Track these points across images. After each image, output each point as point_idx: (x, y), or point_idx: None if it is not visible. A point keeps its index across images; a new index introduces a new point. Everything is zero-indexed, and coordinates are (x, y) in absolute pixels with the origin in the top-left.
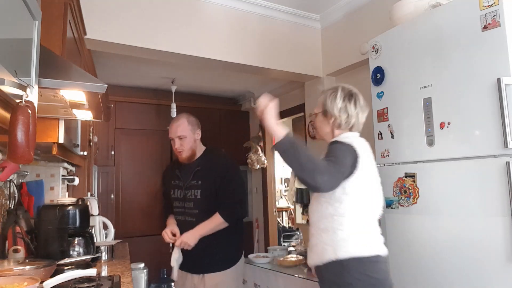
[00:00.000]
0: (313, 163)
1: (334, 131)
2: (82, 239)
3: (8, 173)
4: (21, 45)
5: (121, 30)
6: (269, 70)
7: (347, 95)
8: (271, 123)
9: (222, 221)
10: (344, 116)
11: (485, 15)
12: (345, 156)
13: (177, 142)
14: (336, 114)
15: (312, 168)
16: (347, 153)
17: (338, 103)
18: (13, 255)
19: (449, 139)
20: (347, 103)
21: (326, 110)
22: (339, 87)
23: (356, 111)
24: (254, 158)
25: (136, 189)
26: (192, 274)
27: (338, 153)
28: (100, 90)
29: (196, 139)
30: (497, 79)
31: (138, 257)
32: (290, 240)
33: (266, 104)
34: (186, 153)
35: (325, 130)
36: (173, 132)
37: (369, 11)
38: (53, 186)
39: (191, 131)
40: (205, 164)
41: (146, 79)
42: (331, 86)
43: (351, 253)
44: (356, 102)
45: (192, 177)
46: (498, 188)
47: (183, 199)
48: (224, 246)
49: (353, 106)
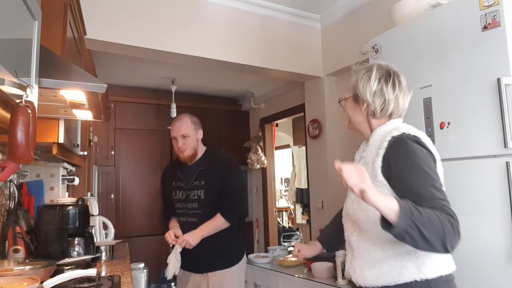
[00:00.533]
0: (439, 231)
1: (370, 120)
2: (82, 239)
3: (8, 173)
4: (21, 45)
5: (121, 30)
6: (269, 70)
7: (384, 75)
8: (375, 197)
9: (223, 221)
10: (379, 102)
11: (485, 15)
12: (434, 169)
13: (180, 141)
14: (369, 100)
15: (442, 238)
16: (431, 162)
17: (372, 86)
18: (13, 255)
19: (449, 139)
20: (384, 85)
21: (357, 94)
22: (375, 65)
23: (395, 94)
24: (254, 158)
25: (136, 189)
26: (195, 274)
27: (429, 172)
28: (100, 90)
29: (198, 139)
30: (497, 79)
31: (138, 257)
32: (290, 240)
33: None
34: (189, 152)
35: (358, 119)
36: (176, 130)
37: (369, 11)
38: (53, 186)
39: (194, 130)
40: (208, 164)
41: (146, 79)
42: (366, 64)
43: (439, 271)
44: (395, 83)
45: (195, 178)
46: (498, 188)
47: (185, 200)
48: (227, 245)
49: (391, 89)
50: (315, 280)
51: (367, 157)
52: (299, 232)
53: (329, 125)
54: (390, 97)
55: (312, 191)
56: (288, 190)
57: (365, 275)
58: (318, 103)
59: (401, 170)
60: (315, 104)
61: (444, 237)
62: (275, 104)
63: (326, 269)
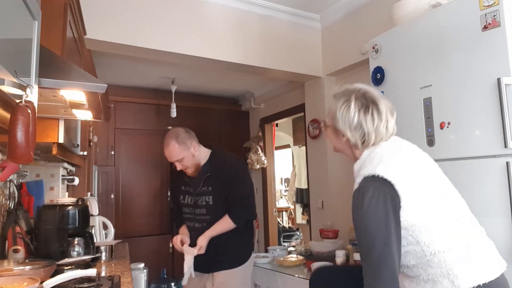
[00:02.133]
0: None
1: (353, 150)
2: (82, 239)
3: (8, 173)
4: (21, 45)
5: (121, 30)
6: (269, 70)
7: (364, 106)
8: None
9: (231, 223)
10: (359, 136)
11: (485, 15)
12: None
13: (178, 165)
14: (349, 134)
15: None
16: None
17: (351, 119)
18: (13, 255)
19: (449, 139)
20: (362, 117)
21: (336, 126)
22: (353, 94)
23: (375, 126)
24: (254, 158)
25: (136, 189)
26: (201, 273)
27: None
28: (100, 90)
29: (194, 154)
30: (497, 79)
31: (138, 257)
32: (290, 240)
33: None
34: (191, 169)
35: (340, 147)
36: (169, 158)
37: (369, 11)
38: (53, 186)
39: (185, 150)
40: (214, 168)
41: (146, 79)
42: (345, 88)
43: (476, 280)
44: (373, 114)
45: (203, 184)
46: (498, 188)
47: (193, 206)
48: (233, 245)
49: (371, 121)
50: None
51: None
52: (299, 232)
53: None
54: (370, 130)
55: (312, 191)
56: (288, 190)
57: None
58: (318, 103)
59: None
60: (315, 104)
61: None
62: (275, 104)
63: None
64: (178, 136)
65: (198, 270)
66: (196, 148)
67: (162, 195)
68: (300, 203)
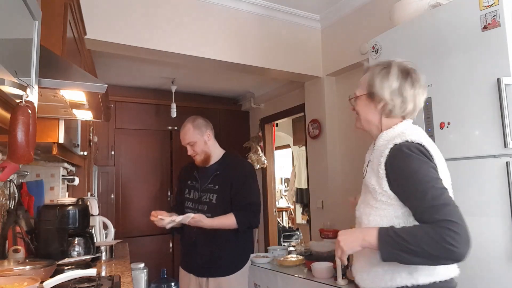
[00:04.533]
0: (432, 246)
1: (383, 119)
2: (82, 239)
3: (8, 173)
4: (21, 45)
5: (121, 30)
6: (269, 70)
7: (403, 72)
8: (356, 240)
9: (234, 223)
10: (398, 101)
11: (485, 15)
12: (434, 176)
13: (189, 149)
14: (388, 98)
15: (438, 251)
16: (430, 170)
17: (391, 83)
18: (13, 255)
19: (449, 139)
20: (402, 82)
21: (373, 92)
22: (393, 61)
23: (414, 93)
24: (254, 158)
25: (136, 189)
26: (197, 277)
27: (429, 180)
28: (100, 90)
29: (207, 141)
30: (497, 79)
31: (138, 257)
32: (290, 240)
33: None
34: (200, 156)
35: (371, 117)
36: (182, 139)
37: (369, 11)
38: (53, 186)
39: (199, 135)
40: (224, 169)
41: (146, 79)
42: (381, 60)
43: (433, 278)
44: (414, 81)
45: (210, 181)
46: (498, 188)
47: (197, 201)
48: (229, 252)
49: (410, 86)
50: (315, 280)
51: (373, 162)
52: (299, 232)
53: (329, 125)
54: (409, 96)
55: (312, 191)
56: (288, 190)
57: (363, 278)
58: (318, 103)
59: (398, 181)
60: (315, 104)
61: (441, 250)
62: (275, 104)
63: (326, 269)
64: (195, 120)
65: (194, 273)
66: (210, 138)
67: (162, 195)
68: (300, 203)
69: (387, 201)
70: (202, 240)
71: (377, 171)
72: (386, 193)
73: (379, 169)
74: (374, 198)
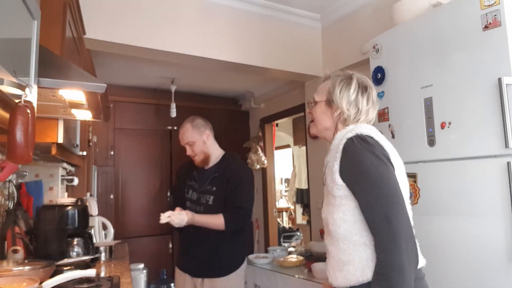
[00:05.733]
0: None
1: (338, 126)
2: (81, 240)
3: (7, 173)
4: (20, 45)
5: (121, 30)
6: (269, 70)
7: (361, 87)
8: None
9: (221, 223)
10: (353, 111)
11: (486, 14)
12: (385, 170)
13: (188, 149)
14: (344, 107)
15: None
16: (383, 163)
17: (350, 95)
18: (12, 256)
19: (450, 139)
20: (360, 96)
21: (332, 99)
22: (354, 75)
23: (367, 108)
24: (254, 158)
25: (136, 189)
26: (192, 277)
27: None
28: (99, 90)
29: (206, 141)
30: (498, 79)
31: (138, 257)
32: (290, 240)
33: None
34: (199, 156)
35: (327, 124)
36: (181, 139)
37: (369, 11)
38: (52, 186)
39: (197, 135)
40: (223, 171)
41: (145, 79)
42: (343, 72)
43: None
44: (369, 97)
45: (209, 183)
46: (498, 188)
47: (196, 202)
48: (223, 252)
49: (366, 101)
50: (315, 280)
51: (329, 161)
52: (299, 232)
53: None
54: (363, 109)
55: (312, 191)
56: (288, 190)
57: (336, 276)
58: None
59: (350, 176)
60: None
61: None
62: (275, 104)
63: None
64: (194, 120)
65: (189, 273)
66: (209, 138)
67: (161, 195)
68: (300, 203)
69: (344, 193)
70: (198, 241)
71: (332, 168)
72: (341, 186)
73: (333, 166)
74: (332, 196)
